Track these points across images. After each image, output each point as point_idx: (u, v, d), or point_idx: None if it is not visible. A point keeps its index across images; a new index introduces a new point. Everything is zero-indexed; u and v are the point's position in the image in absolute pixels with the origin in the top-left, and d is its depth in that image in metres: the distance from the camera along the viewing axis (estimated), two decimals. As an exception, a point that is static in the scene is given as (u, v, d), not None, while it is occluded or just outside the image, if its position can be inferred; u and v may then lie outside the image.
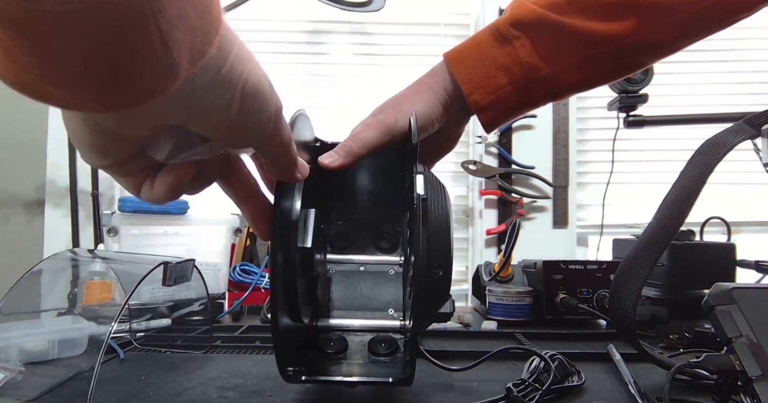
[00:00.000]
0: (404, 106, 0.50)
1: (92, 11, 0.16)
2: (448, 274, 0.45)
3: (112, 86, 0.19)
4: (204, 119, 0.24)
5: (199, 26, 0.20)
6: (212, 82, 0.23)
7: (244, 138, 0.27)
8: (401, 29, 1.47)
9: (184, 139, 0.26)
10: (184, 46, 0.19)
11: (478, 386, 0.55)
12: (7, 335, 0.62)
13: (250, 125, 0.27)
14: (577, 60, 0.50)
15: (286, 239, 0.40)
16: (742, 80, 1.46)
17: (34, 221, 1.37)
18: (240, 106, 0.25)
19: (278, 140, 0.30)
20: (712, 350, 0.66)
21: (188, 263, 0.65)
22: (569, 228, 1.41)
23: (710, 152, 0.56)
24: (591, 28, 0.48)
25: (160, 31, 0.18)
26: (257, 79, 0.25)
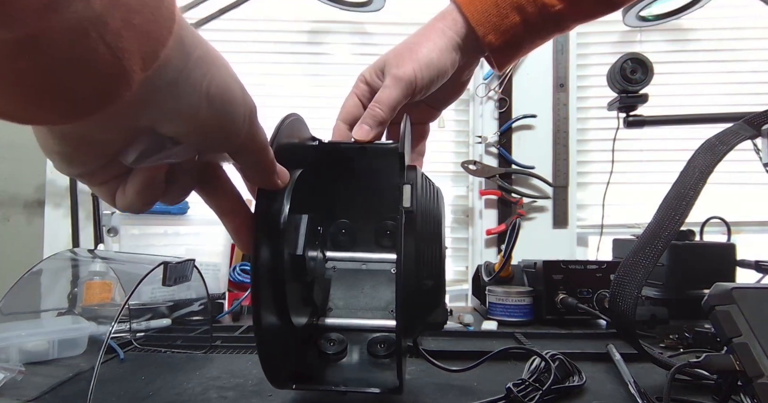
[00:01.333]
0: (420, 55, 0.49)
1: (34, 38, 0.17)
2: (439, 284, 0.44)
3: (64, 99, 0.19)
4: (171, 121, 0.24)
5: (149, 30, 0.20)
6: (173, 83, 0.23)
7: (215, 140, 0.27)
8: (401, 29, 1.47)
9: (156, 143, 0.25)
10: (134, 53, 0.19)
11: (478, 386, 0.55)
12: (7, 335, 0.62)
13: (221, 127, 0.26)
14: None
15: (273, 244, 0.39)
16: (742, 80, 1.46)
17: (34, 220, 1.37)
18: (207, 107, 0.24)
19: (253, 145, 0.29)
20: (712, 350, 0.66)
21: (188, 263, 0.65)
22: (569, 228, 1.41)
23: (710, 152, 0.56)
24: None
25: (106, 43, 0.18)
26: (225, 81, 0.25)
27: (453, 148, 1.47)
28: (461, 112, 1.47)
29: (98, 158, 0.25)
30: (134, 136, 0.25)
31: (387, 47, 0.55)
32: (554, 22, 0.51)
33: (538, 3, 0.50)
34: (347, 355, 0.51)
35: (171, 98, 0.23)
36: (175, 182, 0.30)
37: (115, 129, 0.24)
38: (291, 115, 0.43)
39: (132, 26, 0.19)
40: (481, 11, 0.50)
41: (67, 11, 0.17)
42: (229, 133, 0.27)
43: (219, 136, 0.27)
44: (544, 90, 1.41)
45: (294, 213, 0.41)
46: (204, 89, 0.24)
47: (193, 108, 0.24)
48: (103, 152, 0.25)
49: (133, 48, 0.19)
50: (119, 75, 0.19)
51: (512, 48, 0.52)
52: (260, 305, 0.37)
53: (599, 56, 1.45)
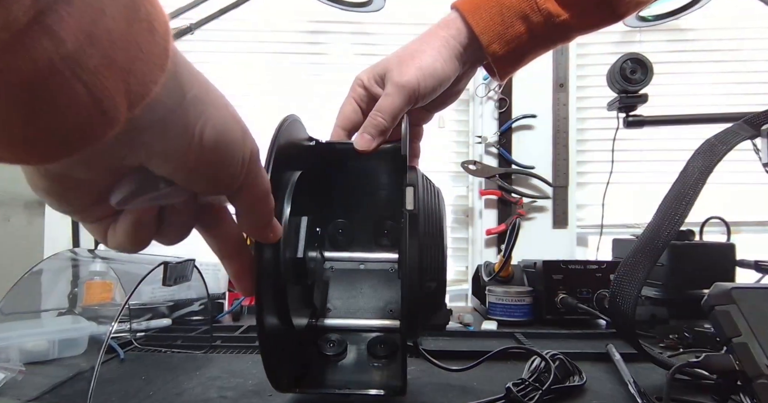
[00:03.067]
0: (423, 63, 0.49)
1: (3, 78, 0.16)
2: (441, 286, 0.44)
3: (38, 140, 0.18)
4: (162, 161, 0.23)
5: (135, 68, 0.19)
6: (163, 123, 0.21)
7: (210, 184, 0.25)
8: (401, 29, 1.47)
9: (147, 182, 0.24)
10: (118, 92, 0.18)
11: (478, 386, 0.55)
12: (7, 335, 0.62)
13: (215, 170, 0.25)
14: (593, 1, 0.50)
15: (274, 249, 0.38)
16: (742, 80, 1.46)
17: (34, 220, 1.37)
18: (200, 149, 0.23)
19: (252, 190, 0.28)
20: (711, 350, 0.66)
21: (188, 263, 0.65)
22: (569, 228, 1.41)
23: (710, 152, 0.56)
24: None
25: (83, 82, 0.17)
26: (222, 122, 0.24)
27: (453, 148, 1.48)
28: (461, 112, 1.47)
29: (85, 197, 0.24)
30: (123, 174, 0.24)
31: (387, 47, 0.55)
32: (559, 31, 0.51)
33: (544, 13, 0.49)
34: (347, 355, 0.51)
35: (161, 138, 0.22)
36: (171, 223, 0.28)
37: (100, 168, 0.22)
38: (290, 116, 0.43)
39: (114, 64, 0.18)
40: (486, 20, 0.50)
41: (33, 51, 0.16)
42: (225, 177, 0.25)
43: (213, 180, 0.25)
44: (544, 90, 1.42)
45: (294, 215, 0.41)
46: (198, 130, 0.23)
47: (184, 149, 0.23)
48: (90, 191, 0.24)
49: (117, 87, 0.18)
50: (99, 115, 0.18)
51: (516, 57, 0.52)
52: (263, 311, 0.37)
53: (599, 56, 1.45)
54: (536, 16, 0.49)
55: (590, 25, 0.52)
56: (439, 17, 0.54)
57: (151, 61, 0.19)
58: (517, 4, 0.49)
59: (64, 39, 0.16)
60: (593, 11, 0.51)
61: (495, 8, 0.49)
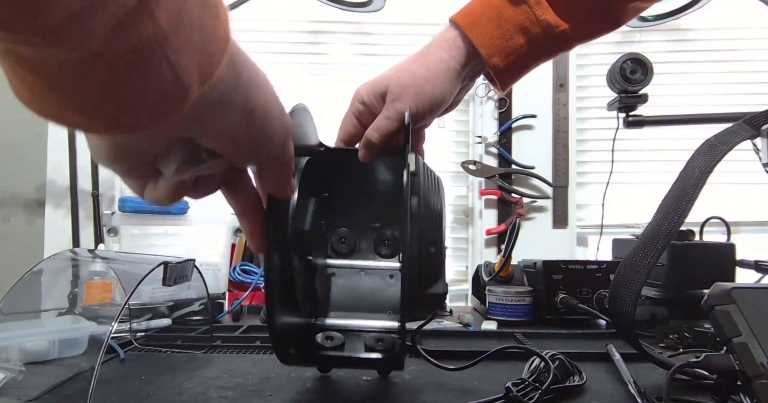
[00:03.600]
0: (424, 91, 0.49)
1: (102, 56, 0.17)
2: (440, 252, 0.45)
3: (128, 113, 0.20)
4: (214, 136, 0.25)
5: (206, 48, 0.21)
6: (222, 101, 0.24)
7: (251, 156, 0.29)
8: (401, 29, 1.47)
9: (194, 155, 0.27)
10: (193, 69, 0.20)
11: (477, 385, 0.55)
12: (7, 335, 0.62)
13: (258, 145, 0.28)
14: (592, 11, 0.50)
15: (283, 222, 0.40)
16: (742, 80, 1.46)
17: (34, 221, 1.37)
18: (248, 126, 0.26)
19: (282, 160, 0.31)
20: (711, 350, 0.66)
21: (188, 263, 0.65)
22: (569, 228, 1.41)
23: (710, 152, 0.56)
24: None
25: (168, 60, 0.19)
26: (267, 103, 0.27)
27: (453, 148, 1.48)
28: (461, 112, 1.47)
29: (138, 163, 0.27)
30: (174, 145, 0.26)
31: (387, 47, 0.56)
32: (558, 42, 0.51)
33: (543, 24, 0.49)
34: (345, 351, 0.51)
35: (217, 116, 0.24)
36: (203, 183, 0.31)
37: (161, 140, 0.25)
38: (298, 106, 0.43)
39: (192, 44, 0.20)
40: (485, 34, 0.50)
41: (138, 28, 0.17)
42: (265, 150, 0.29)
43: (255, 153, 0.28)
44: (544, 90, 1.42)
45: (302, 197, 0.42)
46: (248, 110, 0.25)
47: (235, 126, 0.25)
48: (143, 157, 0.26)
49: (192, 65, 0.20)
50: (179, 91, 0.20)
51: (517, 69, 0.52)
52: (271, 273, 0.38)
53: (599, 56, 1.45)
54: (535, 28, 0.50)
55: (589, 34, 0.53)
56: (438, 18, 0.54)
57: (216, 43, 0.21)
58: (515, 16, 0.49)
59: (159, 19, 0.18)
60: (592, 20, 0.51)
61: (494, 21, 0.50)
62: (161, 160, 0.26)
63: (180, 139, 0.25)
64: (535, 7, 0.49)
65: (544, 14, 0.49)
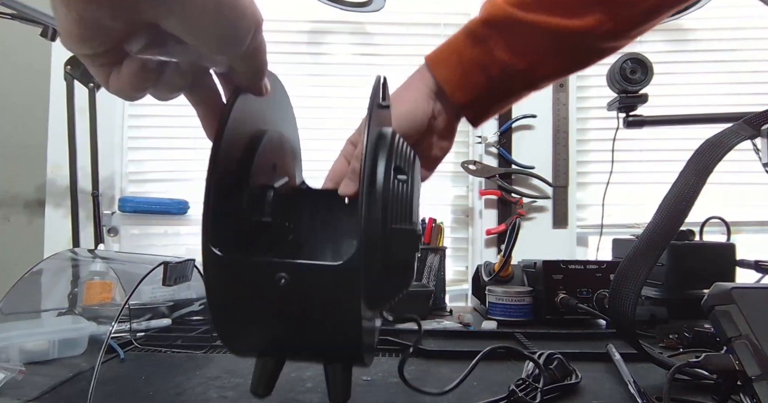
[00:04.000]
0: (398, 109, 0.51)
1: None
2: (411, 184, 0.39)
3: None
4: (178, 19, 0.26)
5: None
6: None
7: (219, 45, 0.28)
8: (401, 29, 1.47)
9: (159, 38, 0.27)
10: None
11: (477, 385, 0.55)
12: (7, 335, 0.62)
13: (225, 34, 0.28)
14: (550, 53, 0.52)
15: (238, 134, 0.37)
16: (742, 80, 1.46)
17: (34, 221, 1.37)
18: (215, 11, 0.26)
19: (255, 56, 0.31)
20: (711, 350, 0.66)
21: (188, 263, 0.65)
22: (569, 228, 1.41)
23: (710, 152, 0.56)
24: (559, 24, 0.50)
25: None
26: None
27: (453, 148, 1.47)
28: (461, 112, 1.47)
29: (105, 43, 0.27)
30: (140, 28, 0.27)
31: (387, 47, 0.56)
32: (521, 80, 0.53)
33: (500, 62, 0.51)
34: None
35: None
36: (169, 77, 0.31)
37: (124, 19, 0.25)
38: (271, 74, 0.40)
39: None
40: (449, 71, 0.52)
41: None
42: (235, 41, 0.28)
43: (221, 43, 0.28)
44: (544, 90, 1.41)
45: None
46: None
47: (202, 9, 0.25)
48: (111, 38, 0.27)
49: None
50: None
51: (480, 105, 0.54)
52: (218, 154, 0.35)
53: (599, 56, 1.45)
54: (493, 66, 0.52)
55: (556, 73, 0.54)
56: (438, 18, 0.54)
57: None
58: (476, 55, 0.52)
59: None
60: (556, 61, 0.52)
61: (457, 60, 0.52)
62: (127, 40, 0.27)
63: (144, 21, 0.26)
64: (494, 47, 0.51)
65: (501, 54, 0.51)
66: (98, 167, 1.17)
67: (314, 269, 0.36)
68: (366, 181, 0.36)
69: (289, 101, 0.50)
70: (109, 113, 1.35)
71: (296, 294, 0.36)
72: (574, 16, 0.50)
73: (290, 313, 0.37)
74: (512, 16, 0.50)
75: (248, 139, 0.40)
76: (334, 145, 0.56)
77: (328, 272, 0.35)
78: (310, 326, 0.38)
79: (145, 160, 1.48)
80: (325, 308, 0.36)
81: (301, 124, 0.53)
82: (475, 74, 0.52)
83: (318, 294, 0.36)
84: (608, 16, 0.50)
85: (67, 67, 1.09)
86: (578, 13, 0.50)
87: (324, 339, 0.38)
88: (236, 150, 0.38)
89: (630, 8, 0.50)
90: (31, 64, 1.37)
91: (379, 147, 0.39)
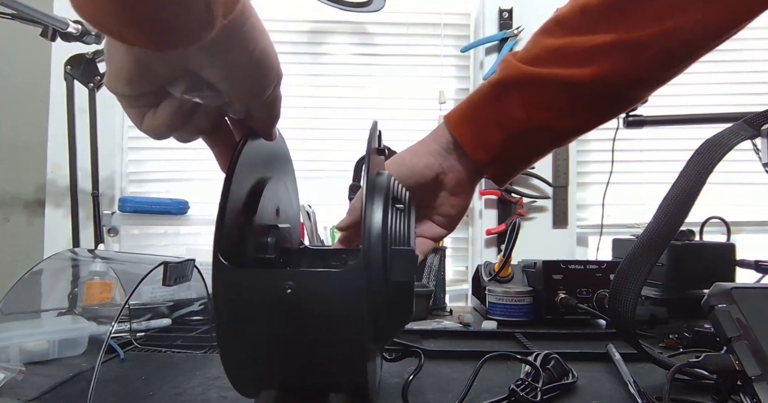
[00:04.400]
0: (404, 161, 0.53)
1: None
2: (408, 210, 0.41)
3: (167, 30, 0.24)
4: (219, 67, 0.30)
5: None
6: (232, 36, 0.28)
7: (248, 93, 0.33)
8: (401, 29, 1.47)
9: (197, 85, 0.31)
10: (220, 3, 0.25)
11: (477, 386, 0.55)
12: (7, 335, 0.62)
13: (256, 83, 0.32)
14: (567, 107, 0.51)
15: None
16: (742, 80, 1.46)
17: (34, 221, 1.37)
18: (249, 65, 0.30)
19: (273, 103, 0.36)
20: (711, 350, 0.66)
21: (188, 263, 0.65)
22: (569, 228, 1.41)
23: (710, 152, 0.56)
24: (574, 74, 0.49)
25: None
26: (267, 48, 0.31)
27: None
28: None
29: (151, 85, 0.30)
30: (183, 75, 0.30)
31: (387, 47, 0.56)
32: (542, 136, 0.52)
33: (517, 119, 0.51)
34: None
35: (226, 49, 0.28)
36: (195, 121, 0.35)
37: (174, 64, 0.29)
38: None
39: None
40: (468, 130, 0.53)
41: None
42: (260, 91, 0.33)
43: (251, 91, 0.33)
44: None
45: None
46: (251, 50, 0.30)
47: (239, 63, 0.30)
48: (156, 81, 0.30)
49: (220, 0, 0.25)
50: (208, 18, 0.25)
51: (502, 163, 0.54)
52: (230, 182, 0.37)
53: (599, 56, 1.45)
54: (511, 124, 0.51)
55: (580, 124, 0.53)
56: (438, 18, 0.54)
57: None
58: (493, 114, 0.52)
59: None
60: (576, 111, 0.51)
61: (476, 119, 0.52)
62: (171, 83, 0.31)
63: (188, 69, 0.29)
64: (511, 105, 0.51)
65: (518, 111, 0.51)
66: (98, 167, 1.17)
67: (320, 276, 0.37)
68: (367, 209, 0.38)
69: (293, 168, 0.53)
70: (109, 113, 1.35)
71: (302, 302, 0.36)
72: (588, 64, 0.49)
73: (296, 324, 0.37)
74: (526, 74, 0.50)
75: (258, 176, 0.43)
76: (334, 145, 0.56)
77: (334, 278, 0.36)
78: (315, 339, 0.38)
79: (145, 160, 1.48)
80: (331, 316, 0.37)
81: (301, 124, 0.54)
82: (493, 132, 0.52)
83: (323, 301, 0.36)
84: (626, 59, 0.49)
85: (67, 67, 1.09)
86: (591, 59, 0.49)
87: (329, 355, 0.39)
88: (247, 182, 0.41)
89: (644, 51, 0.49)
90: (31, 64, 1.37)
91: (377, 183, 0.42)
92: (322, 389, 0.41)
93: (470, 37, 1.47)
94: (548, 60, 0.50)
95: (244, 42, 0.29)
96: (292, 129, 1.42)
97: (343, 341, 0.37)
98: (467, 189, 0.56)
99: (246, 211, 0.40)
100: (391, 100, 1.46)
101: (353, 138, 1.43)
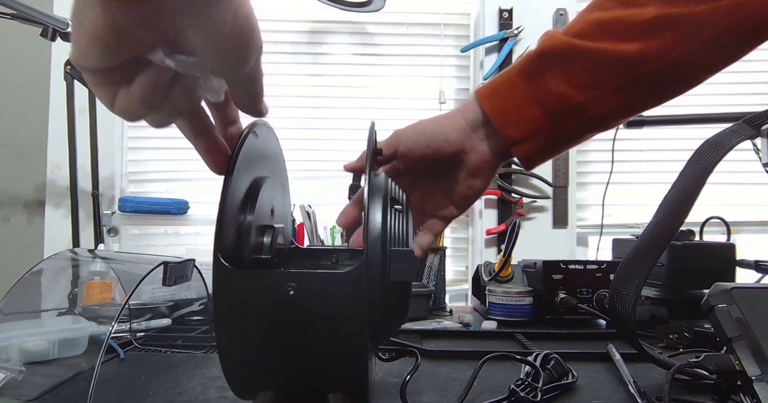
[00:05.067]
0: (425, 128, 0.51)
1: None
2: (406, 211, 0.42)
3: None
4: (201, 28, 0.28)
5: None
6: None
7: (229, 60, 0.31)
8: (401, 29, 1.47)
9: (176, 52, 0.30)
10: None
11: (477, 386, 0.55)
12: (7, 335, 0.62)
13: (237, 52, 0.30)
14: (612, 85, 0.47)
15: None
16: (742, 80, 1.46)
17: (34, 220, 1.37)
18: (231, 28, 0.28)
19: (256, 76, 0.34)
20: (711, 350, 0.66)
21: (188, 263, 0.65)
22: (569, 228, 1.41)
23: (710, 152, 0.56)
24: (624, 50, 0.45)
25: None
26: (249, 14, 0.29)
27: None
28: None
29: (129, 51, 0.28)
30: (161, 42, 0.29)
31: (387, 47, 0.55)
32: (580, 116, 0.48)
33: (555, 95, 0.47)
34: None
35: (207, 8, 0.27)
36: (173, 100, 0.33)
37: (153, 24, 0.27)
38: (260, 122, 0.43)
39: None
40: (499, 104, 0.49)
41: None
42: (241, 60, 0.31)
43: (232, 58, 0.30)
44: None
45: None
46: (233, 10, 0.28)
47: (222, 21, 0.28)
48: (134, 47, 0.28)
49: None
50: None
51: (535, 142, 0.49)
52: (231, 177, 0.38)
53: (599, 56, 1.45)
54: (549, 99, 0.47)
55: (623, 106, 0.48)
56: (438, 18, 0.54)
57: None
58: (530, 89, 0.48)
59: None
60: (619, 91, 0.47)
61: (509, 93, 0.48)
62: (147, 51, 0.29)
63: (168, 30, 0.28)
64: (550, 79, 0.47)
65: (558, 86, 0.47)
66: (98, 167, 1.17)
67: (323, 277, 0.37)
68: (368, 209, 0.38)
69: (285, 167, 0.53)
70: (109, 113, 1.35)
71: (304, 303, 0.37)
72: (640, 39, 0.45)
73: (297, 325, 0.38)
74: (570, 46, 0.46)
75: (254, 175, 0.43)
76: (334, 145, 0.56)
77: (337, 279, 0.37)
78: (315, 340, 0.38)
79: (145, 160, 1.48)
80: (332, 317, 0.37)
81: (301, 124, 0.54)
82: (529, 108, 0.47)
83: (324, 302, 0.37)
84: (676, 39, 0.45)
85: (67, 67, 1.09)
86: (645, 35, 0.45)
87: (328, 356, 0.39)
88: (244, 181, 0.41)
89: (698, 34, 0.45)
90: (31, 64, 1.37)
91: (376, 185, 0.42)
92: (320, 390, 0.41)
93: (470, 37, 1.47)
94: (594, 34, 0.46)
95: (224, 2, 0.27)
96: (292, 129, 1.42)
97: (343, 342, 0.38)
98: (489, 171, 0.52)
99: (244, 211, 0.40)
100: (391, 100, 1.46)
101: (353, 138, 1.43)
